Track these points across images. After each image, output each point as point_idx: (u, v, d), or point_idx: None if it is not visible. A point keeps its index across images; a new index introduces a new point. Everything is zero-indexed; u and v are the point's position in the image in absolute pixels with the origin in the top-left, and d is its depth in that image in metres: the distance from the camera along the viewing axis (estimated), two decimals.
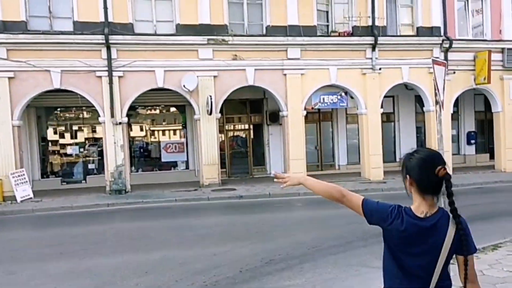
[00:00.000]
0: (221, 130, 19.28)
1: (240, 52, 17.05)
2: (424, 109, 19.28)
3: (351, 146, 20.92)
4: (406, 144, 21.37)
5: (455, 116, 21.38)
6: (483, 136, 23.03)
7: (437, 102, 5.99)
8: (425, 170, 2.19)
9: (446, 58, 18.49)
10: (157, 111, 20.21)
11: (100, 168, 18.20)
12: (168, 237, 9.59)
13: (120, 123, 15.95)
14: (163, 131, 20.36)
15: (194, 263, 7.43)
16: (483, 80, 18.56)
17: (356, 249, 8.23)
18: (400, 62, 18.26)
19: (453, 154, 20.32)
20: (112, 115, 15.84)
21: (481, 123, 22.99)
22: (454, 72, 18.61)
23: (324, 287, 6.30)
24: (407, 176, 2.27)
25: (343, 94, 18.75)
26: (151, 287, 6.37)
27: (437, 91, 5.90)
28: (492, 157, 20.88)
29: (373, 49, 17.99)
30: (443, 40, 18.37)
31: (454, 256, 2.26)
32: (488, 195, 14.41)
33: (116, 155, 15.97)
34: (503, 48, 19.25)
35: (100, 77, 15.79)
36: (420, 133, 21.18)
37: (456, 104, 20.79)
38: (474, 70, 18.97)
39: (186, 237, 9.45)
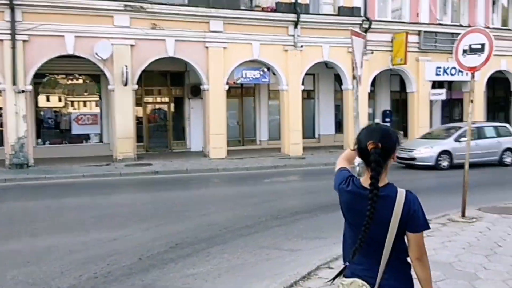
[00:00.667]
0: (139, 102, 17.99)
1: (160, 22, 15.82)
2: (343, 87, 19.23)
3: (272, 122, 20.48)
4: (325, 121, 21.37)
5: (372, 95, 21.60)
6: (398, 115, 23.59)
7: (354, 77, 5.45)
8: (361, 143, 2.21)
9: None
10: (70, 81, 18.38)
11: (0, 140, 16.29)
12: (63, 219, 8.45)
13: (23, 91, 14.22)
14: (76, 101, 18.63)
15: (88, 250, 6.45)
16: (400, 61, 18.74)
17: (269, 229, 7.69)
18: (321, 41, 17.93)
19: None
20: (14, 83, 14.07)
21: (396, 103, 23.48)
22: (372, 52, 18.61)
23: (230, 275, 5.65)
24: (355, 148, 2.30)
25: (265, 70, 18.16)
26: (30, 281, 5.36)
27: (354, 65, 5.34)
28: (406, 135, 21.40)
29: (296, 26, 17.48)
30: (363, 21, 18.23)
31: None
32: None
33: (17, 126, 14.25)
34: (419, 31, 19.53)
35: (2, 40, 13.97)
36: (339, 111, 21.19)
37: (373, 83, 20.96)
38: (391, 51, 19.11)
39: (85, 219, 8.35)
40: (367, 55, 18.61)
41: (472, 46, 7.49)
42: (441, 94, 20.68)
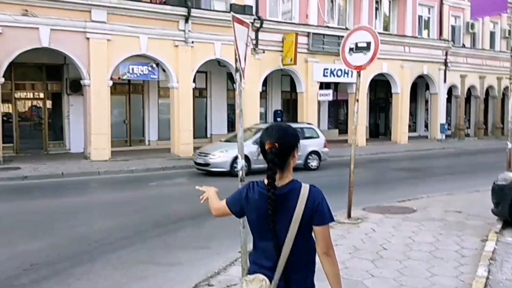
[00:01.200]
0: (7, 98, 15.79)
1: (32, 8, 13.98)
2: (235, 86, 18.82)
3: (162, 121, 19.35)
4: (218, 120, 20.81)
5: (264, 95, 21.52)
6: (289, 115, 23.82)
7: (237, 70, 4.82)
8: (262, 144, 2.19)
9: (257, 38, 18.22)
10: None
11: None
12: None
13: None
14: None
15: None
16: (290, 61, 18.81)
17: (147, 241, 6.83)
18: (213, 38, 17.28)
19: None
20: None
21: (287, 103, 23.68)
22: (264, 52, 18.46)
23: None
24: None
25: (154, 65, 17.06)
26: None
27: (237, 57, 4.72)
28: None
29: (186, 21, 16.63)
30: (254, 19, 17.94)
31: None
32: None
33: None
34: (309, 33, 19.80)
35: None
36: (232, 110, 20.74)
37: (265, 83, 20.88)
38: (282, 51, 19.12)
39: None
40: (258, 54, 18.44)
41: (359, 45, 7.32)
42: (328, 95, 21.25)
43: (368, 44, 7.25)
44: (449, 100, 27.65)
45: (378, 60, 15.47)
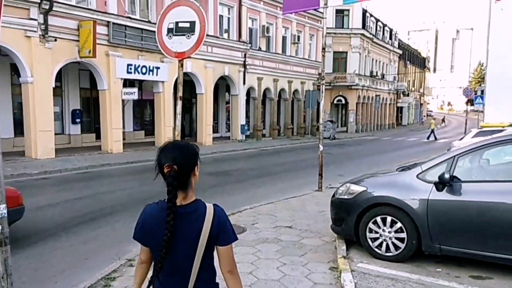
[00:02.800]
0: None
1: None
2: (21, 80, 15.14)
3: None
4: (1, 122, 16.50)
5: (58, 92, 18.08)
6: (89, 115, 20.67)
7: None
8: (160, 166, 2.03)
9: (46, 22, 14.93)
10: None
11: None
12: None
13: None
14: None
15: None
16: (88, 53, 15.96)
17: None
18: None
19: (56, 134, 17.05)
20: None
21: (87, 101, 20.43)
22: (56, 40, 15.27)
23: None
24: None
25: None
26: None
27: None
28: (98, 137, 18.77)
29: None
30: (41, 0, 14.62)
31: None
32: (93, 182, 11.98)
33: None
34: (108, 22, 17.20)
35: None
36: (19, 109, 16.63)
37: (59, 78, 17.53)
38: (78, 41, 16.15)
39: None
40: (49, 42, 15.15)
41: (180, 25, 5.60)
42: (133, 93, 18.96)
43: (192, 24, 5.54)
44: (248, 101, 28.32)
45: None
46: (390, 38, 53.41)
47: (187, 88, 24.87)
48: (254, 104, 28.91)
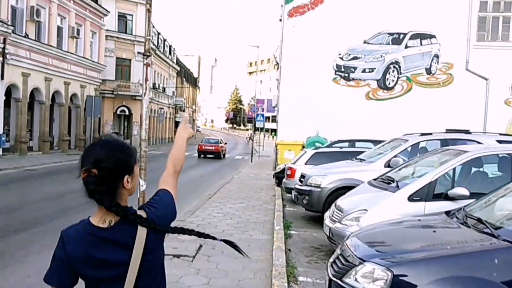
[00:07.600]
0: None
1: None
2: None
3: None
4: None
5: None
6: None
7: None
8: (81, 169, 1.40)
9: None
10: None
11: None
12: None
13: None
14: None
15: None
16: None
17: None
18: None
19: None
20: None
21: None
22: None
23: None
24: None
25: None
26: None
27: None
28: None
29: None
30: None
31: None
32: None
33: None
34: None
35: None
36: None
37: None
38: None
39: None
40: None
41: None
42: None
43: None
44: (8, 103, 19.35)
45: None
46: (170, 53, 49.69)
47: None
48: (17, 107, 20.05)
